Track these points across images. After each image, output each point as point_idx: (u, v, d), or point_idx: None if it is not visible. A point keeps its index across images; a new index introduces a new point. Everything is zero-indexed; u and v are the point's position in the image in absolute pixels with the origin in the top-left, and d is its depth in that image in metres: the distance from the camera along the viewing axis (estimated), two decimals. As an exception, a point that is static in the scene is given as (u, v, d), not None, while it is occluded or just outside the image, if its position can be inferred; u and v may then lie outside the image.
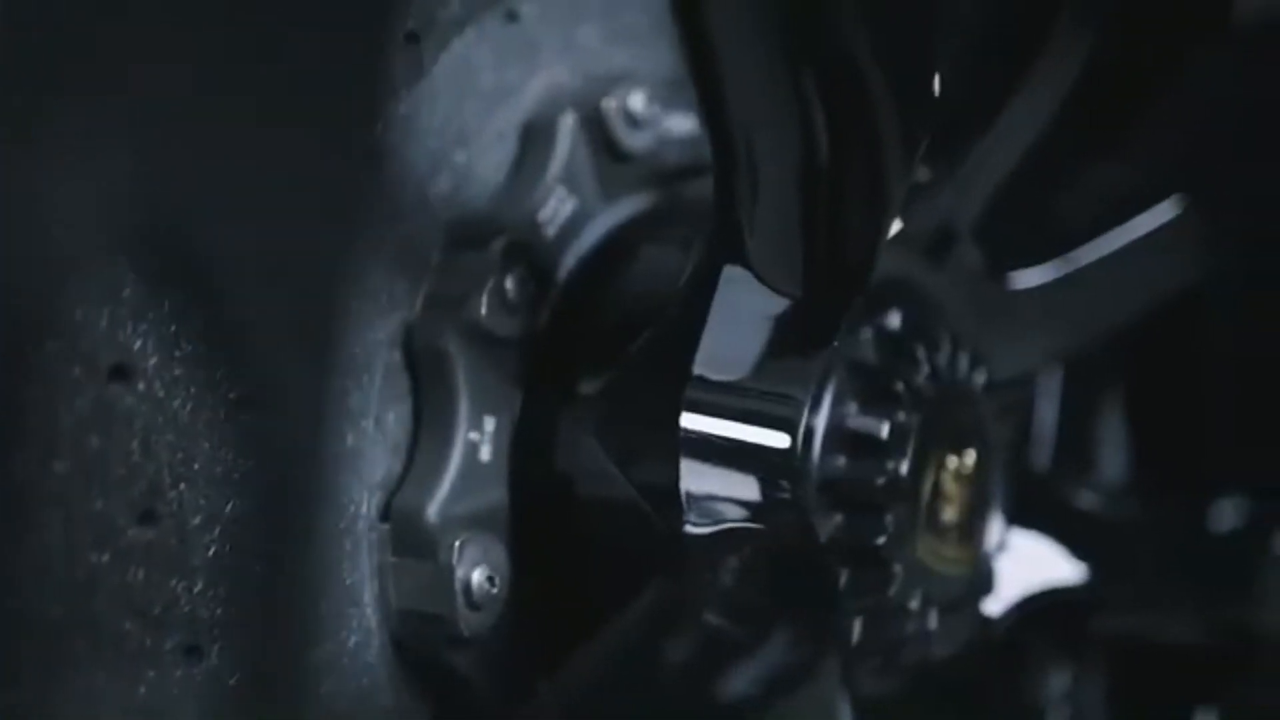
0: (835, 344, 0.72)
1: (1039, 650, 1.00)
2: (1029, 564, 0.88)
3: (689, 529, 0.65)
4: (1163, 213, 0.90)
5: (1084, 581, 0.91)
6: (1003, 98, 0.75)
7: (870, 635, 0.74)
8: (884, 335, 0.75)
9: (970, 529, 0.78)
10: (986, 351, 0.82)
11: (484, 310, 0.69)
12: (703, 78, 0.56)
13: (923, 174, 0.75)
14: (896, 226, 0.75)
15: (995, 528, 0.81)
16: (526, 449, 0.72)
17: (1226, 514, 1.10)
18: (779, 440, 0.69)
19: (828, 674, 0.67)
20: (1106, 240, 0.88)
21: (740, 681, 0.65)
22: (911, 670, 0.78)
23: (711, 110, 0.58)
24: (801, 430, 0.71)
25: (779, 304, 0.66)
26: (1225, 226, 0.94)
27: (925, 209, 0.77)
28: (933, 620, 0.76)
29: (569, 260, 0.75)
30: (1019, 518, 0.86)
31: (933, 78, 0.62)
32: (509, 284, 0.69)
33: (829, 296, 0.65)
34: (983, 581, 0.81)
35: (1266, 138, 0.96)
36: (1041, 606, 0.89)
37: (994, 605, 0.85)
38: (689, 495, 0.67)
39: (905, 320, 0.76)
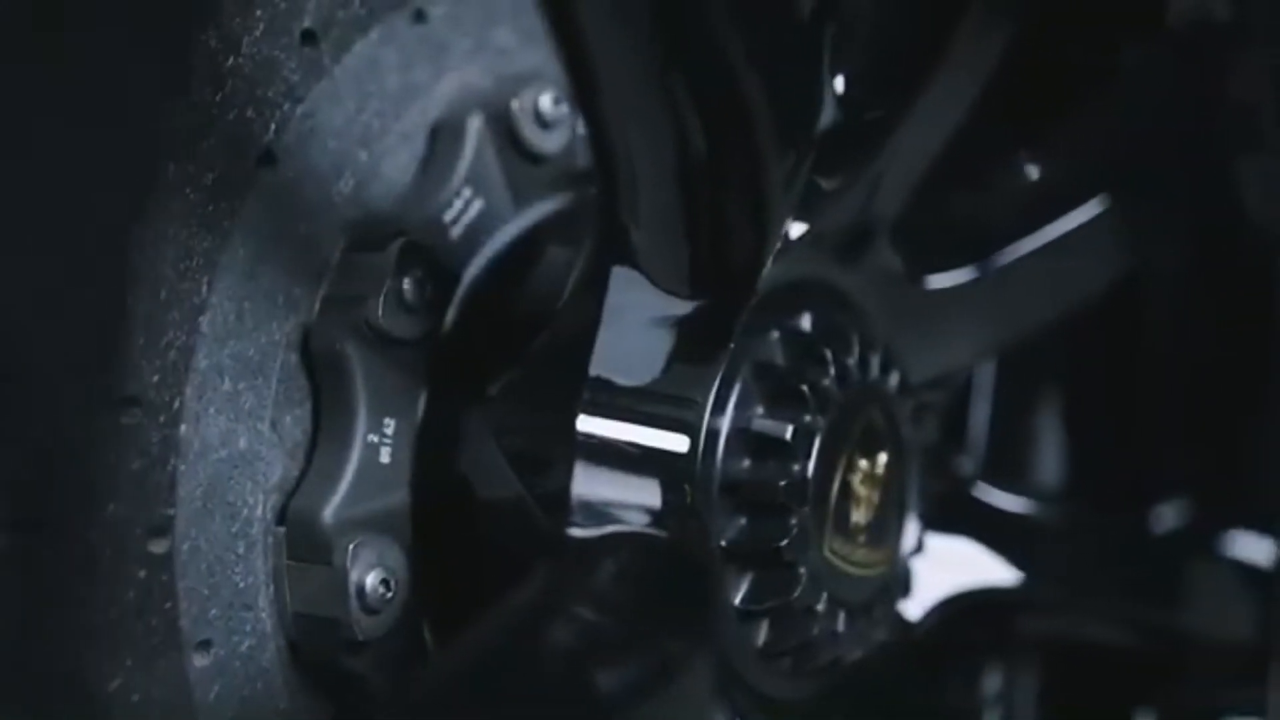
0: (734, 346, 0.70)
1: (967, 651, 0.99)
2: (950, 566, 0.87)
3: (573, 531, 0.63)
4: (1085, 211, 0.88)
5: (1008, 584, 0.90)
6: (911, 96, 0.73)
7: (777, 637, 0.72)
8: (793, 337, 0.73)
9: (883, 531, 0.77)
10: (903, 353, 0.80)
11: (380, 311, 0.67)
12: (575, 75, 0.54)
13: (831, 174, 0.73)
14: (802, 228, 0.73)
15: (911, 530, 0.79)
16: (430, 451, 0.71)
17: (1156, 517, 1.09)
18: (677, 443, 0.68)
19: (701, 674, 0.65)
20: (1028, 239, 0.87)
21: (612, 677, 0.63)
22: (827, 672, 0.76)
23: (587, 109, 0.56)
24: (703, 433, 0.69)
25: (672, 305, 0.64)
26: (1150, 225, 0.92)
27: (837, 209, 0.75)
28: (841, 622, 0.74)
29: (476, 261, 0.73)
30: (939, 520, 0.84)
31: (817, 77, 0.61)
32: (406, 285, 0.68)
33: (721, 297, 0.64)
34: (899, 584, 0.79)
35: (1193, 136, 0.94)
36: (964, 608, 0.88)
37: (913, 607, 0.84)
38: (582, 498, 0.65)
39: (816, 322, 0.75)
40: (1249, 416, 1.10)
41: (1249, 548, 1.11)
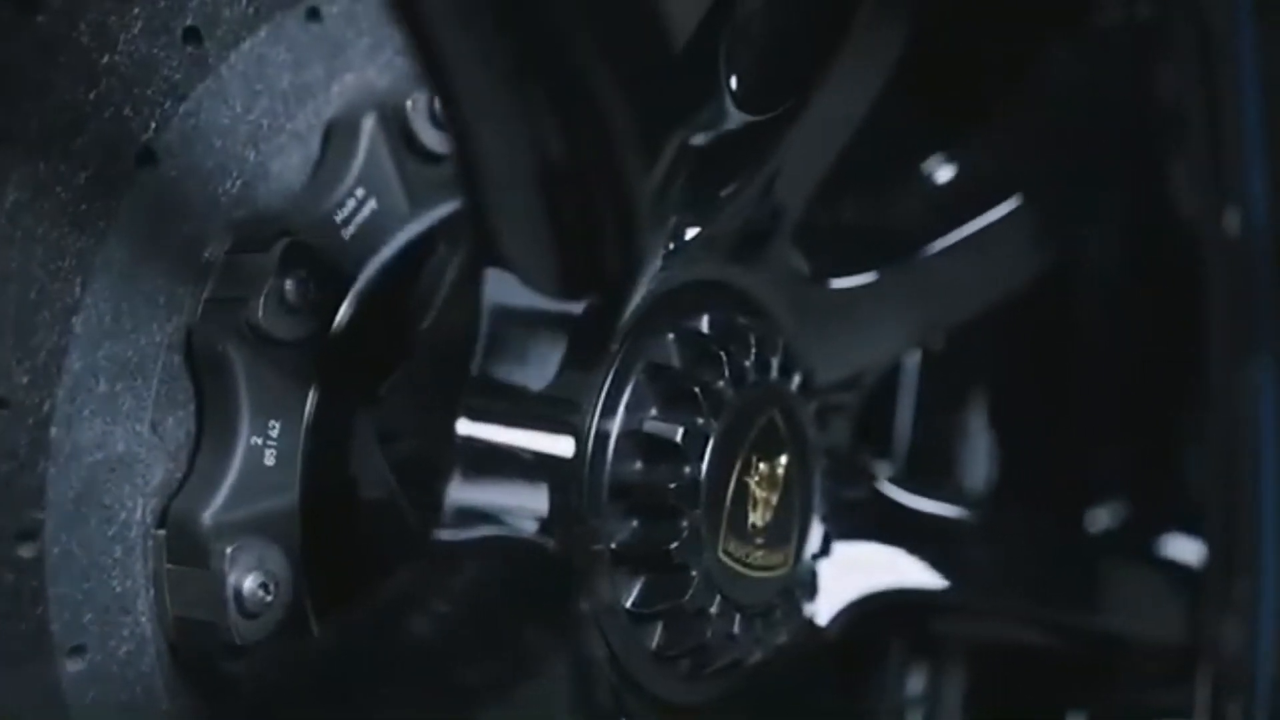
0: (628, 347, 0.69)
1: (888, 653, 0.97)
2: (863, 568, 0.85)
3: (443, 535, 0.61)
4: (1002, 209, 0.87)
5: (929, 586, 0.88)
6: (805, 93, 0.71)
7: (671, 640, 0.71)
8: (689, 338, 0.71)
9: (783, 533, 0.75)
10: (810, 354, 0.78)
11: (262, 312, 0.65)
12: (430, 77, 0.52)
13: (723, 174, 0.72)
14: (695, 229, 0.72)
15: (816, 532, 0.78)
16: (320, 453, 0.69)
17: (1086, 518, 1.08)
18: (561, 446, 0.66)
19: (556, 676, 0.64)
20: (939, 239, 0.85)
21: (469, 676, 0.62)
22: (727, 675, 0.74)
23: (446, 112, 0.55)
24: (591, 436, 0.67)
25: (549, 306, 0.62)
26: (1072, 222, 0.91)
27: (732, 210, 0.73)
28: (737, 625, 0.72)
29: (371, 261, 0.71)
30: (851, 522, 0.83)
31: (676, 78, 0.59)
32: (289, 286, 0.66)
33: (597, 299, 0.62)
34: (802, 586, 0.78)
35: (1122, 135, 0.93)
36: (881, 611, 0.86)
37: (822, 609, 0.82)
38: (461, 502, 0.63)
39: (715, 323, 0.73)
40: (1180, 416, 1.09)
41: (1179, 549, 1.09)
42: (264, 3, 0.69)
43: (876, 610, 0.86)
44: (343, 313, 0.70)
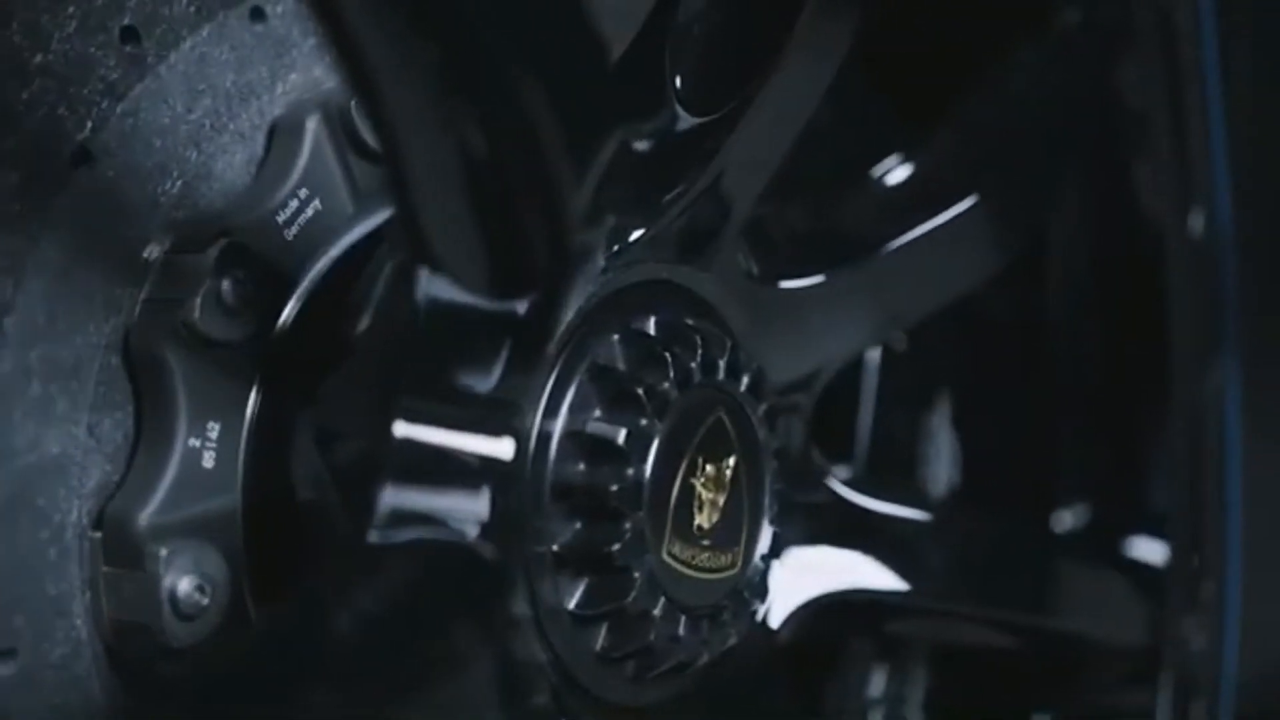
0: (572, 348, 0.68)
1: (846, 655, 0.96)
2: (818, 570, 0.84)
3: (376, 538, 0.60)
4: (956, 210, 0.86)
5: (888, 587, 0.87)
6: (749, 92, 0.70)
7: (615, 642, 0.70)
8: (634, 339, 0.70)
9: (731, 535, 0.74)
10: (762, 354, 0.78)
11: (198, 313, 0.64)
12: (349, 78, 0.51)
13: (667, 174, 0.71)
14: (639, 230, 0.71)
15: (765, 533, 0.77)
16: (262, 454, 0.68)
17: (1049, 520, 1.07)
18: (500, 448, 0.65)
19: (488, 678, 0.63)
20: (894, 239, 0.84)
21: (400, 679, 0.61)
22: (674, 676, 0.73)
23: (368, 114, 0.54)
24: (532, 437, 0.66)
25: (484, 307, 0.61)
26: (1030, 220, 0.90)
27: (678, 210, 0.72)
28: (682, 626, 0.71)
29: (315, 261, 0.71)
30: (802, 523, 0.82)
31: (613, 80, 0.58)
32: (226, 287, 0.65)
33: (529, 299, 0.61)
34: (752, 587, 0.77)
35: (1073, 136, 0.92)
36: (837, 612, 0.85)
37: (775, 611, 0.81)
38: (396, 505, 0.62)
39: (661, 324, 0.72)
40: (1145, 417, 1.08)
41: (1144, 550, 1.08)
42: (206, 2, 0.68)
43: (832, 612, 0.85)
44: (286, 313, 0.69)
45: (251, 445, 0.67)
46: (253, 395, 0.68)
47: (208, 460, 0.66)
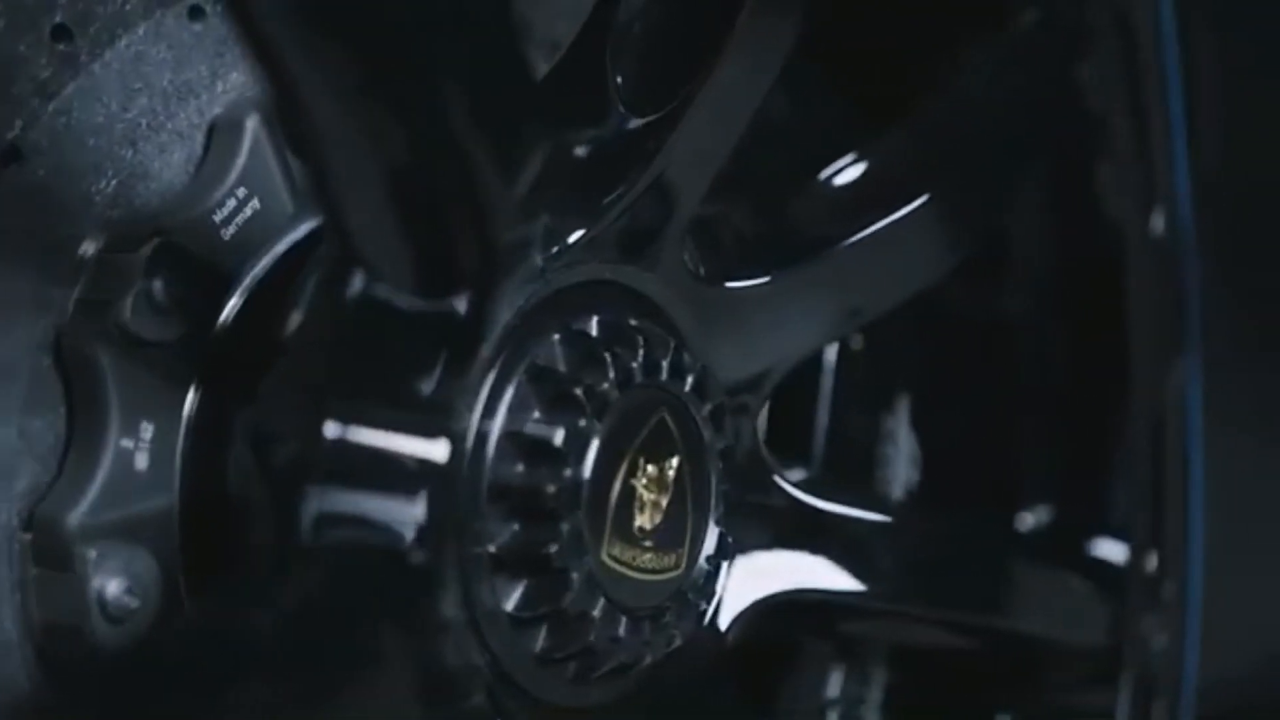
0: (511, 348, 0.67)
1: (801, 655, 0.95)
2: (767, 570, 0.83)
3: (307, 540, 0.59)
4: (908, 209, 0.85)
5: (843, 588, 0.86)
6: (689, 94, 0.69)
7: (555, 643, 0.69)
8: (574, 339, 0.69)
9: (674, 536, 0.73)
10: (709, 355, 0.77)
11: (130, 314, 0.63)
12: (266, 77, 0.51)
13: (607, 174, 0.70)
14: (580, 230, 0.70)
15: (712, 534, 0.76)
16: (198, 454, 0.67)
17: (1011, 521, 1.06)
18: (436, 450, 0.64)
19: (417, 680, 0.62)
20: (845, 238, 0.83)
21: (327, 682, 0.60)
22: (617, 678, 0.72)
23: (284, 114, 0.53)
24: (470, 439, 0.66)
25: (414, 307, 0.60)
26: (978, 224, 0.89)
27: (623, 210, 0.72)
28: (623, 627, 0.70)
29: (253, 260, 0.70)
30: (751, 523, 0.81)
31: (530, 77, 0.57)
32: (158, 287, 0.64)
33: (459, 300, 0.60)
34: (697, 588, 0.76)
35: (1031, 136, 0.91)
36: (785, 612, 0.84)
37: (722, 611, 0.80)
38: (323, 506, 0.61)
39: (604, 324, 0.71)
40: (1107, 417, 1.07)
41: (1106, 551, 1.08)
42: (141, 1, 0.67)
43: (785, 613, 0.85)
44: (223, 313, 0.68)
45: (187, 446, 0.66)
46: (189, 396, 0.67)
47: (141, 461, 0.65)
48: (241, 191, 0.69)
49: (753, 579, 0.82)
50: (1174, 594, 1.06)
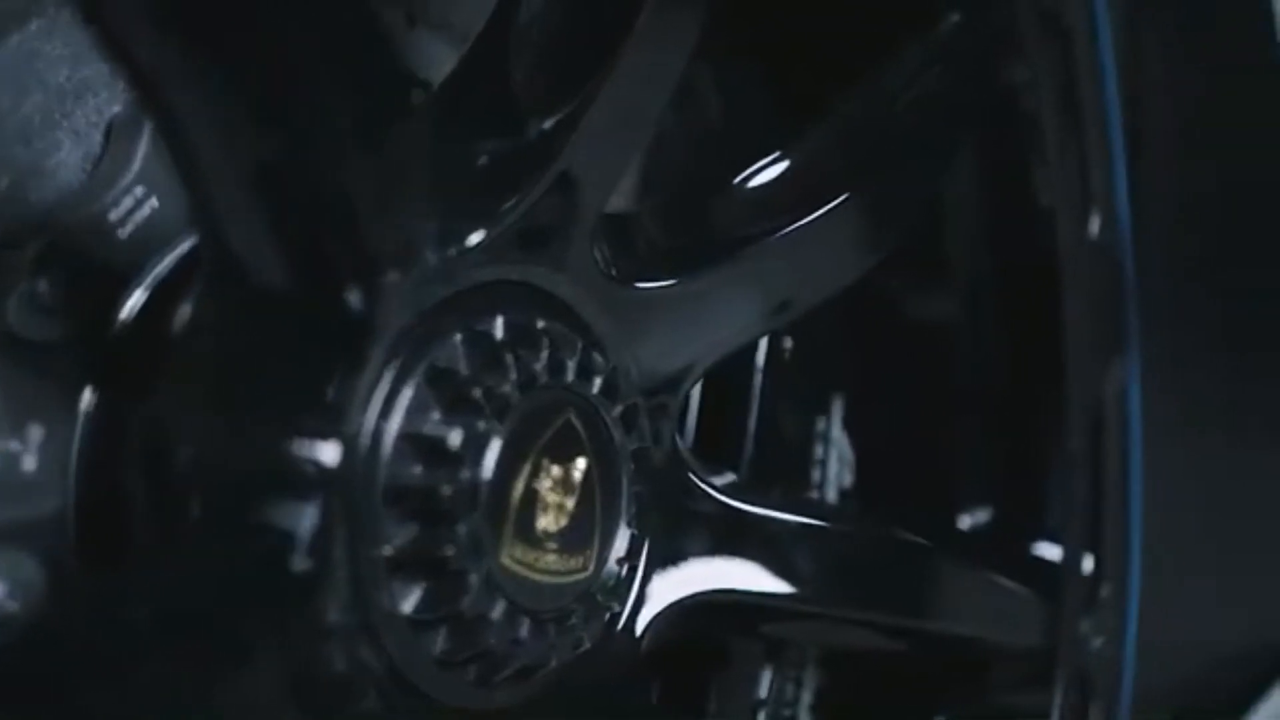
0: (410, 349, 0.65)
1: (729, 657, 0.94)
2: (686, 572, 0.81)
3: (197, 543, 0.58)
4: (829, 208, 0.83)
5: (759, 590, 0.84)
6: (590, 94, 0.67)
7: (454, 647, 0.67)
8: (476, 340, 0.68)
9: (581, 538, 0.71)
10: (621, 355, 0.75)
11: (13, 314, 0.61)
12: (128, 74, 0.49)
13: (505, 174, 0.68)
14: (480, 232, 0.68)
15: (623, 536, 0.74)
16: (89, 456, 0.65)
17: (947, 523, 1.04)
18: (327, 452, 0.63)
19: (310, 683, 0.60)
20: (765, 237, 0.82)
21: (219, 682, 0.58)
22: (521, 681, 0.71)
23: (153, 115, 0.51)
24: (364, 441, 0.64)
25: (293, 307, 0.59)
26: (895, 222, 0.87)
27: (528, 211, 0.70)
28: (525, 631, 0.68)
29: (150, 260, 0.68)
30: (669, 525, 0.79)
31: (394, 70, 0.56)
32: (43, 287, 0.62)
33: (340, 301, 0.58)
34: (608, 590, 0.74)
35: (962, 137, 0.89)
36: (707, 614, 0.83)
37: (637, 613, 0.78)
38: (210, 508, 0.60)
39: (509, 325, 0.69)
40: (1046, 418, 1.06)
41: (1045, 552, 1.06)
42: (36, -4, 0.66)
43: (707, 615, 0.83)
44: (119, 312, 0.66)
45: (83, 446, 0.64)
46: (83, 396, 0.65)
47: (28, 464, 0.63)
48: (139, 190, 0.67)
49: (671, 581, 0.80)
50: (1112, 595, 1.04)
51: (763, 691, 0.95)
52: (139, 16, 0.48)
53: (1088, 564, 1.04)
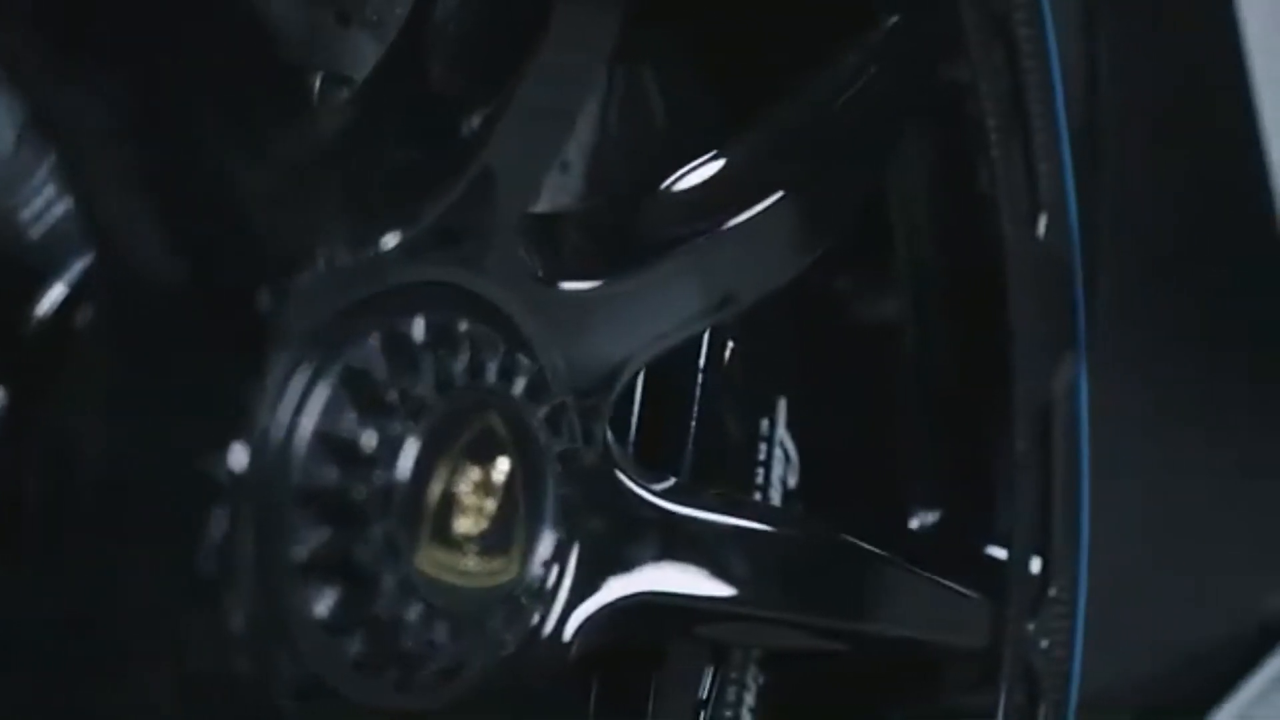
0: (325, 350, 0.64)
1: (665, 659, 0.92)
2: (618, 574, 0.80)
3: (99, 548, 0.57)
4: (761, 208, 0.82)
5: (695, 593, 0.83)
6: (507, 92, 0.66)
7: (371, 650, 0.66)
8: (393, 341, 0.67)
9: (503, 540, 0.70)
10: (548, 356, 0.74)
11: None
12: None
13: (414, 174, 0.67)
14: (395, 234, 0.67)
15: (548, 539, 0.73)
16: (10, 456, 0.64)
17: (891, 526, 1.03)
18: (233, 456, 0.61)
19: (222, 689, 0.59)
20: (696, 236, 0.80)
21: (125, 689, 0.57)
22: (443, 684, 0.70)
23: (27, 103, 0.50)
24: (274, 444, 0.63)
25: (188, 308, 0.57)
26: (831, 222, 0.86)
27: (447, 211, 0.69)
28: (444, 633, 0.67)
29: (61, 261, 0.66)
30: (599, 527, 0.78)
31: (297, 69, 0.55)
32: (-65, 287, 0.61)
33: (239, 302, 0.57)
34: (531, 593, 0.73)
35: (875, 137, 0.88)
36: (641, 616, 0.81)
37: (565, 616, 0.77)
38: (118, 511, 0.58)
39: (428, 326, 0.68)
40: (992, 421, 1.05)
41: (990, 553, 1.05)
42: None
43: (643, 618, 0.82)
44: (32, 314, 0.65)
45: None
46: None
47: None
48: (50, 191, 0.66)
49: (603, 584, 0.79)
50: (1059, 596, 1.03)
51: (704, 692, 0.94)
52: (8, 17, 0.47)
53: (1035, 565, 1.03)
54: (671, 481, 0.85)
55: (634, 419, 0.94)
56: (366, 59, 0.78)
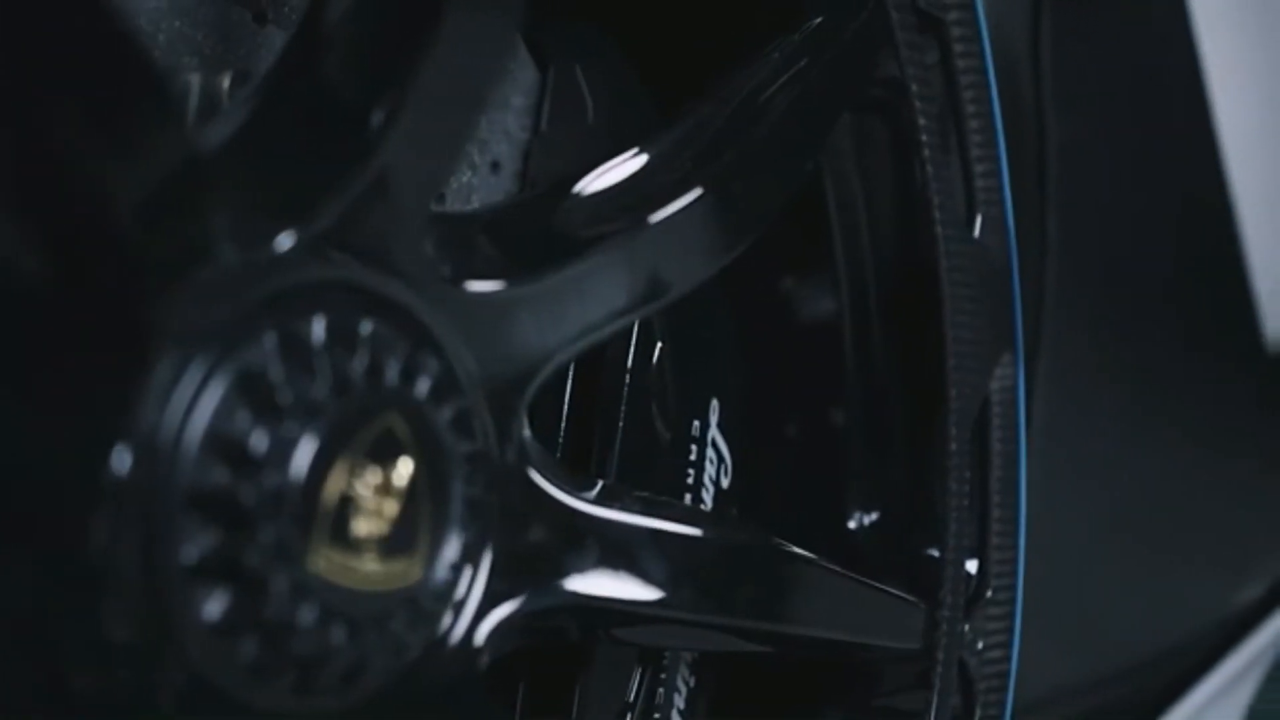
0: (218, 350, 0.63)
1: (591, 663, 0.91)
2: (528, 577, 0.79)
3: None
4: (678, 206, 0.80)
5: (608, 595, 0.82)
6: (401, 89, 0.65)
7: (264, 655, 0.64)
8: (289, 342, 0.65)
9: (405, 543, 0.69)
10: (456, 357, 0.72)
11: None
12: None
13: (313, 174, 0.66)
14: (299, 230, 0.65)
15: (454, 542, 0.71)
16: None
17: (829, 527, 1.02)
18: (117, 458, 0.60)
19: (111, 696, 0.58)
20: (613, 235, 0.79)
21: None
22: (346, 688, 0.68)
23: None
24: (162, 446, 0.61)
25: (65, 309, 0.56)
26: (753, 219, 0.85)
27: (347, 210, 0.67)
28: (341, 637, 0.66)
29: None
30: (510, 530, 0.76)
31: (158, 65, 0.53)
32: None
33: (141, 300, 0.56)
34: (438, 596, 0.71)
35: (800, 135, 0.86)
36: (557, 618, 0.80)
37: (478, 619, 0.76)
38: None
39: (327, 326, 0.67)
40: (928, 422, 1.04)
41: (925, 555, 1.04)
42: None
43: (558, 621, 0.80)
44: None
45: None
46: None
47: None
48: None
49: (517, 586, 0.77)
50: (996, 598, 1.02)
51: (631, 694, 0.93)
52: None
53: (971, 566, 1.02)
54: (592, 483, 0.84)
55: (562, 421, 0.93)
56: (279, 57, 0.77)
